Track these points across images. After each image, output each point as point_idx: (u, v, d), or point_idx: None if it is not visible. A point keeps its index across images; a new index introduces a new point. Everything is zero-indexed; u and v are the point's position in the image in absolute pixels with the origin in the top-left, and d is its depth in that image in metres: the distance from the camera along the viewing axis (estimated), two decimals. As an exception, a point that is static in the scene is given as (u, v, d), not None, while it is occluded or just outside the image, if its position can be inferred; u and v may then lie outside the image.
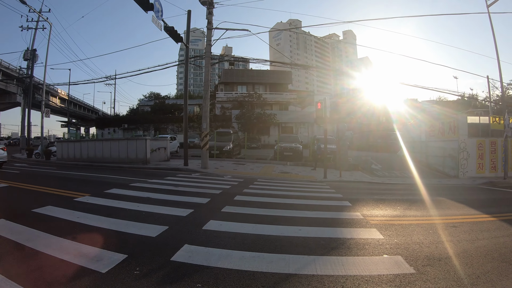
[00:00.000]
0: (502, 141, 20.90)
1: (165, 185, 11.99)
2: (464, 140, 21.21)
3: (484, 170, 21.51)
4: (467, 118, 22.63)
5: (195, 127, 49.07)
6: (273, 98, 57.58)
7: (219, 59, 27.28)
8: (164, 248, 5.02)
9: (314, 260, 4.76)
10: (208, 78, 20.08)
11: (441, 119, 25.40)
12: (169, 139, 26.98)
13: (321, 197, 11.18)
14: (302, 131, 51.67)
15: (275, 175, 18.18)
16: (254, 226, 6.58)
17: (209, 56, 19.92)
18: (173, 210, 7.63)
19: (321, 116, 18.40)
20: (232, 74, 61.97)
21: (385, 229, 6.73)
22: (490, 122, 22.81)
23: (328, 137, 21.38)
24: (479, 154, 21.49)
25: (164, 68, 24.26)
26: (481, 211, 9.54)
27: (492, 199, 13.28)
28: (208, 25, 19.61)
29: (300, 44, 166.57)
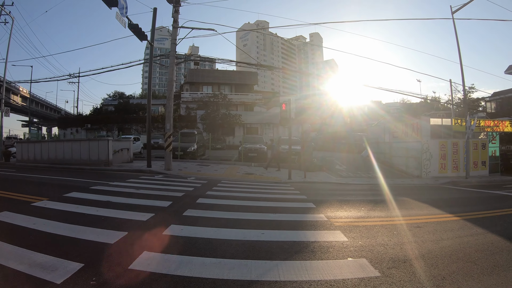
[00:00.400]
0: (464, 142, 21.45)
1: (126, 188, 11.64)
2: (427, 141, 21.71)
3: (446, 170, 22.08)
4: (430, 120, 23.21)
5: (160, 127, 48.32)
6: (239, 98, 57.45)
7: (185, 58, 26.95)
8: (122, 256, 4.80)
9: (277, 265, 4.65)
10: (172, 78, 19.76)
11: (405, 120, 25.92)
12: (132, 140, 26.46)
13: (285, 199, 11.16)
14: (267, 132, 51.74)
15: (240, 176, 18.07)
16: (216, 230, 6.41)
17: (173, 56, 19.60)
18: (133, 215, 7.36)
19: (285, 117, 18.39)
20: (198, 74, 61.55)
21: (350, 231, 6.70)
22: (452, 124, 23.40)
23: (293, 138, 21.46)
24: (441, 154, 22.03)
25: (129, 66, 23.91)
26: (445, 210, 9.71)
27: (454, 198, 13.57)
28: (174, 23, 19.30)
29: (267, 46, 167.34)
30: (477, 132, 24.67)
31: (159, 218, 7.17)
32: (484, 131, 25.48)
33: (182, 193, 10.79)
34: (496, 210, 10.34)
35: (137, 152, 29.71)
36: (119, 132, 49.62)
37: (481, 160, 23.88)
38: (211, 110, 50.22)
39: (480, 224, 7.85)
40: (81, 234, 5.71)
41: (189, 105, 55.32)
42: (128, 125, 54.47)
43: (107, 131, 52.92)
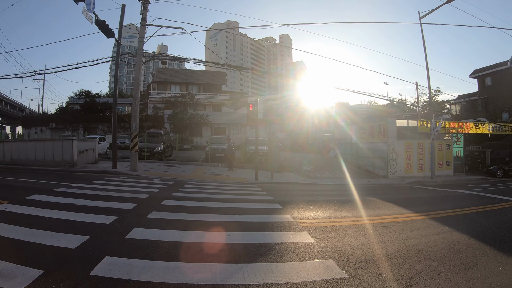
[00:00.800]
0: (429, 143, 21.94)
1: (90, 190, 11.28)
2: (393, 142, 22.10)
3: (412, 170, 22.54)
4: (396, 121, 23.67)
5: (126, 127, 47.50)
6: (207, 99, 57.12)
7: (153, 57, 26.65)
8: (83, 261, 4.61)
9: (242, 268, 4.57)
10: (139, 77, 19.47)
11: (371, 122, 26.31)
12: (97, 140, 25.93)
13: (252, 200, 11.13)
14: (235, 132, 51.60)
15: (206, 177, 17.90)
16: (181, 233, 6.28)
17: (141, 54, 19.29)
18: (96, 218, 7.12)
19: (253, 118, 18.41)
20: (166, 73, 60.94)
21: (316, 232, 6.69)
22: (418, 126, 23.97)
23: (260, 139, 21.47)
24: (407, 155, 22.48)
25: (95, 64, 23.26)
26: (411, 210, 9.86)
27: (420, 197, 13.86)
28: (142, 21, 18.96)
29: (237, 46, 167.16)
30: (442, 133, 25.33)
31: (123, 221, 6.97)
32: (449, 132, 26.20)
33: (147, 195, 10.57)
34: (461, 208, 10.60)
35: (102, 152, 29.04)
36: (85, 132, 48.55)
37: (446, 160, 24.50)
38: (178, 110, 49.74)
39: (446, 223, 8.01)
40: (42, 239, 5.47)
41: (157, 104, 54.65)
42: (94, 125, 53.31)
43: (72, 131, 51.65)
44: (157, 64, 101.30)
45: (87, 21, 16.19)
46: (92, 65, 22.47)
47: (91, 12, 15.64)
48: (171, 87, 58.10)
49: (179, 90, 56.96)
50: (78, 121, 53.68)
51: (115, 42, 20.76)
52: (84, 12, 15.18)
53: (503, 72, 42.56)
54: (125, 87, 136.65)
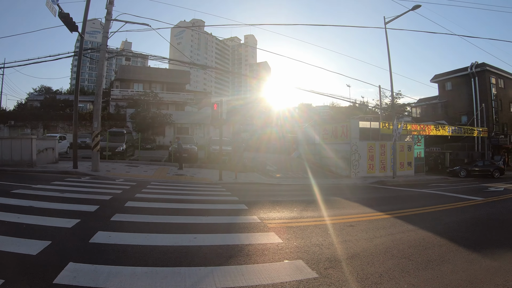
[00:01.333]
0: (391, 144, 22.40)
1: (51, 192, 10.77)
2: (356, 143, 22.47)
3: (374, 170, 22.99)
4: (359, 122, 24.07)
5: (88, 126, 46.24)
6: (170, 98, 56.55)
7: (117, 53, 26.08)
8: (46, 268, 4.29)
9: (212, 272, 4.43)
10: (101, 73, 18.90)
11: (334, 123, 26.68)
12: (58, 139, 25.16)
13: (217, 201, 11.04)
14: (198, 132, 51.25)
15: (170, 177, 17.68)
16: (146, 236, 6.05)
17: (105, 49, 18.77)
18: (57, 221, 6.76)
19: (217, 118, 18.26)
20: (129, 70, 60.01)
21: (284, 232, 6.64)
22: (380, 127, 24.48)
23: (224, 139, 21.39)
24: (369, 155, 22.91)
25: (57, 59, 22.38)
26: (375, 209, 9.99)
27: (384, 197, 14.09)
28: (107, 15, 18.40)
29: (201, 45, 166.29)
30: (403, 135, 25.96)
31: (86, 224, 6.65)
32: (410, 134, 26.89)
33: (110, 196, 10.22)
34: (424, 207, 10.85)
35: (63, 152, 28.25)
36: (45, 130, 47.17)
37: (407, 161, 25.13)
38: (141, 109, 48.96)
39: (410, 221, 8.16)
40: (0, 246, 5.12)
41: (119, 103, 53.70)
42: (55, 123, 51.65)
43: (31, 129, 49.98)
44: (120, 61, 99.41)
45: (50, 14, 15.67)
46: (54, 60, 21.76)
47: (55, 4, 15.16)
48: (134, 85, 57.24)
49: (142, 88, 56.20)
50: (38, 119, 51.91)
51: (78, 36, 20.20)
52: (48, 4, 14.70)
53: (462, 77, 44.46)
54: (86, 84, 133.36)
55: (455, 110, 45.35)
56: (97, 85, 19.24)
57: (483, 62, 43.42)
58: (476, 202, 12.73)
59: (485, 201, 13.14)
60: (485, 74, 42.65)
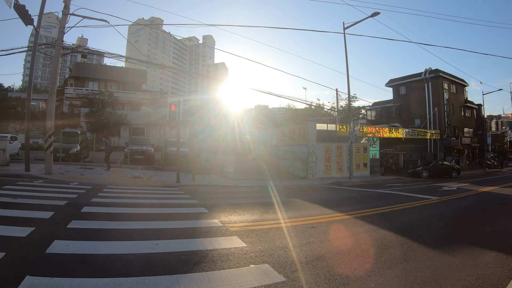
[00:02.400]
0: (348, 145, 22.82)
1: (1, 197, 10.11)
2: (313, 145, 22.74)
3: (331, 171, 23.35)
4: (316, 124, 24.35)
5: (40, 125, 44.64)
6: (126, 97, 55.46)
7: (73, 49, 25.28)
8: (1, 284, 4.01)
9: (178, 280, 4.28)
10: (56, 70, 18.21)
11: (291, 125, 26.89)
12: (9, 139, 24.12)
13: (176, 204, 10.85)
14: (154, 133, 50.55)
15: (126, 180, 17.28)
16: (106, 244, 5.79)
17: (60, 45, 18.08)
18: (10, 230, 6.32)
19: (174, 118, 18.02)
20: (84, 68, 58.49)
21: (247, 236, 6.59)
22: (337, 129, 24.85)
23: (181, 140, 21.15)
24: (326, 157, 23.24)
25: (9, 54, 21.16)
26: (335, 210, 10.13)
27: (342, 197, 14.31)
28: (65, 9, 17.74)
29: (159, 44, 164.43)
30: (359, 137, 26.49)
31: (41, 233, 6.25)
32: (366, 136, 27.42)
33: (65, 201, 9.77)
34: (382, 207, 11.14)
35: (14, 153, 27.07)
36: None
37: (363, 162, 25.69)
38: (96, 108, 47.85)
39: (370, 221, 8.33)
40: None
41: (73, 102, 52.16)
42: (5, 122, 49.53)
43: (-20, 129, 47.94)
44: (75, 58, 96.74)
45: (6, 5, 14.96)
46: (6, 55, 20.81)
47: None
48: (89, 84, 55.78)
49: (98, 87, 54.83)
50: (-13, 118, 49.83)
51: (32, 31, 19.49)
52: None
53: (416, 82, 46.22)
54: (39, 81, 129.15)
55: (409, 113, 47.05)
56: (51, 83, 18.55)
57: (437, 68, 45.27)
58: (432, 201, 13.23)
59: (440, 200, 13.69)
60: (438, 79, 44.53)
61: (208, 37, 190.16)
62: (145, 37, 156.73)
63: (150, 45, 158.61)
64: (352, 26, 24.75)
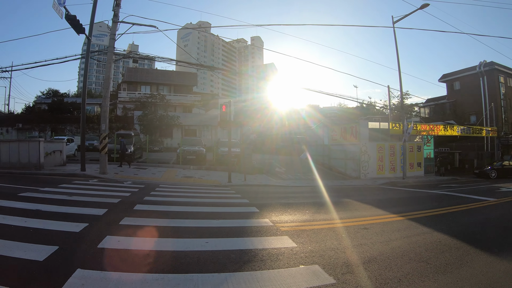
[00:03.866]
0: (401, 145, 22.17)
1: (58, 194, 10.70)
2: (365, 144, 22.24)
3: (384, 171, 22.75)
4: (368, 123, 23.82)
5: (95, 128, 46.39)
6: (177, 100, 56.54)
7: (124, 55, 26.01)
8: (53, 275, 4.16)
9: (226, 279, 4.27)
10: (109, 75, 18.83)
11: (342, 124, 26.45)
12: (65, 141, 25.12)
13: (227, 203, 10.85)
14: (206, 134, 51.18)
15: (178, 179, 17.57)
16: (156, 240, 5.92)
17: (112, 52, 18.69)
18: (65, 225, 6.61)
19: (225, 119, 18.15)
20: (136, 73, 60.16)
21: (297, 236, 6.49)
22: (390, 128, 24.20)
23: (232, 140, 21.25)
24: (379, 156, 22.66)
25: (64, 61, 22.10)
26: (388, 211, 9.83)
27: (395, 198, 13.89)
28: (114, 17, 18.37)
29: (208, 47, 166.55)
30: (413, 135, 25.68)
31: (94, 229, 6.49)
32: (420, 134, 26.57)
33: (118, 199, 10.10)
34: (437, 209, 10.69)
35: (70, 154, 28.24)
36: (52, 133, 47.17)
37: (417, 162, 24.87)
38: (148, 111, 48.95)
39: (425, 223, 7.99)
40: (6, 251, 4.98)
41: (126, 105, 53.72)
42: (62, 126, 51.79)
43: (39, 132, 50.07)
44: (126, 64, 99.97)
45: (57, 16, 15.58)
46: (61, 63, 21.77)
47: (62, 6, 15.07)
48: (141, 87, 57.28)
49: (150, 90, 56.19)
50: (46, 122, 52.07)
51: (85, 39, 20.21)
52: (54, 6, 14.62)
53: (471, 76, 44.02)
54: (94, 86, 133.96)
55: (464, 110, 44.97)
56: (105, 88, 19.14)
57: (492, 61, 42.94)
58: (489, 203, 12.54)
59: (498, 201, 12.96)
60: (494, 73, 42.16)
61: (256, 38, 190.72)
62: (194, 41, 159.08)
63: (199, 49, 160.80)
64: (401, 19, 24.06)
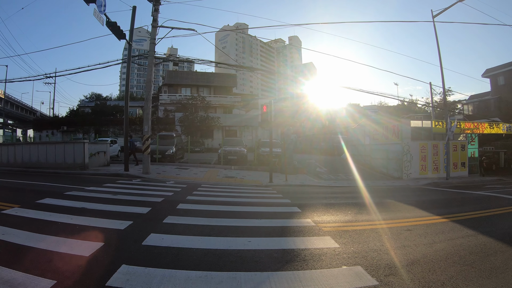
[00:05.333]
0: (444, 144, 21.57)
1: (103, 193, 11.07)
2: (407, 143, 21.75)
3: (427, 171, 22.17)
4: (410, 122, 23.28)
5: (138, 130, 47.50)
6: (218, 101, 57.04)
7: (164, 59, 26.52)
8: (98, 270, 4.32)
9: (269, 277, 4.29)
10: (150, 79, 19.27)
11: (384, 123, 25.96)
12: (109, 143, 25.79)
13: (269, 203, 10.82)
14: (246, 134, 51.37)
15: (220, 180, 17.70)
16: (199, 239, 6.00)
17: (152, 55, 19.15)
18: (109, 223, 6.87)
19: (266, 119, 18.16)
20: (177, 75, 60.98)
21: (340, 237, 6.43)
22: (433, 126, 23.57)
23: (273, 141, 21.23)
24: (422, 156, 22.11)
25: (106, 66, 22.86)
26: (432, 212, 9.59)
27: (439, 199, 13.50)
28: (153, 22, 18.90)
29: (246, 48, 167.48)
30: (456, 134, 24.90)
31: (138, 226, 6.70)
32: (463, 132, 25.75)
33: (161, 198, 10.33)
34: (482, 210, 10.32)
35: (114, 155, 28.98)
36: (96, 135, 48.60)
37: (461, 161, 24.06)
38: (189, 113, 49.59)
39: (469, 226, 7.75)
40: (54, 246, 5.20)
41: (167, 107, 54.63)
42: (105, 128, 53.31)
43: (83, 134, 51.65)
44: (166, 67, 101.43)
45: (98, 23, 16.05)
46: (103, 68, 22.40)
47: (102, 13, 15.47)
48: (182, 90, 58.12)
49: (190, 92, 56.91)
50: (89, 124, 53.72)
51: (125, 45, 20.71)
52: (95, 14, 15.02)
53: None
54: (135, 90, 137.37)
55: (510, 106, 43.07)
56: (147, 90, 19.54)
57: (539, 54, 41.15)
58: (540, 204, 11.97)
59: (549, 203, 12.33)
60: (541, 66, 40.38)
61: (294, 38, 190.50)
62: (232, 42, 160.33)
63: (238, 50, 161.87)
64: (441, 13, 23.33)
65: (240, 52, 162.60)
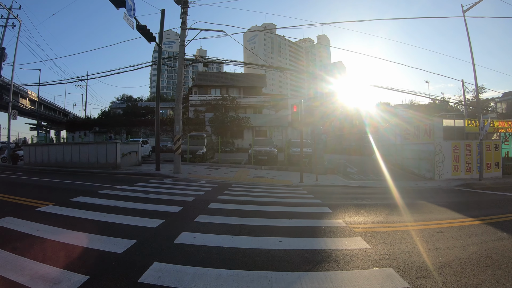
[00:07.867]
0: (477, 143, 21.03)
1: (135, 192, 11.28)
2: (439, 143, 21.29)
3: (459, 172, 21.63)
4: (442, 121, 22.77)
5: (168, 130, 48.19)
6: (247, 101, 57.28)
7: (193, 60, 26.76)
8: (131, 267, 4.43)
9: (300, 277, 4.28)
10: (181, 80, 19.52)
11: (415, 122, 25.47)
12: (140, 143, 26.20)
13: (299, 203, 10.79)
14: (276, 134, 51.37)
15: (250, 179, 17.75)
16: (231, 238, 6.04)
17: (182, 57, 19.42)
18: (142, 221, 7.00)
19: (297, 119, 18.11)
20: (206, 77, 61.50)
21: (371, 238, 6.37)
22: (465, 125, 23.02)
23: (304, 141, 21.14)
24: (454, 156, 21.58)
25: (137, 69, 23.25)
26: (464, 214, 9.37)
27: (472, 201, 13.17)
28: (182, 25, 19.20)
29: (275, 48, 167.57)
30: (490, 133, 24.23)
31: (170, 225, 6.82)
32: (497, 132, 25.06)
33: (192, 198, 10.47)
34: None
35: (145, 155, 29.45)
36: (128, 135, 49.44)
37: (494, 162, 23.35)
38: (219, 113, 49.97)
39: (503, 229, 7.53)
40: (87, 243, 5.37)
41: (198, 108, 55.18)
42: (136, 128, 54.31)
43: (115, 134, 52.62)
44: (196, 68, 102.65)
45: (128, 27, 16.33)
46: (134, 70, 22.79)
47: (132, 17, 15.69)
48: (212, 90, 58.61)
49: (219, 93, 57.37)
50: (121, 125, 54.85)
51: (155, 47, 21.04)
52: (125, 18, 15.24)
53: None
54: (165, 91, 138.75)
55: (545, 103, 41.77)
56: (177, 91, 19.77)
57: None
58: None
59: None
60: None
61: (322, 36, 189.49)
62: (260, 43, 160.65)
63: (266, 50, 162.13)
64: (472, 7, 22.78)
65: (268, 52, 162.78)
